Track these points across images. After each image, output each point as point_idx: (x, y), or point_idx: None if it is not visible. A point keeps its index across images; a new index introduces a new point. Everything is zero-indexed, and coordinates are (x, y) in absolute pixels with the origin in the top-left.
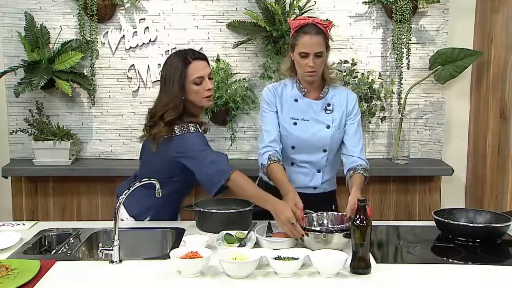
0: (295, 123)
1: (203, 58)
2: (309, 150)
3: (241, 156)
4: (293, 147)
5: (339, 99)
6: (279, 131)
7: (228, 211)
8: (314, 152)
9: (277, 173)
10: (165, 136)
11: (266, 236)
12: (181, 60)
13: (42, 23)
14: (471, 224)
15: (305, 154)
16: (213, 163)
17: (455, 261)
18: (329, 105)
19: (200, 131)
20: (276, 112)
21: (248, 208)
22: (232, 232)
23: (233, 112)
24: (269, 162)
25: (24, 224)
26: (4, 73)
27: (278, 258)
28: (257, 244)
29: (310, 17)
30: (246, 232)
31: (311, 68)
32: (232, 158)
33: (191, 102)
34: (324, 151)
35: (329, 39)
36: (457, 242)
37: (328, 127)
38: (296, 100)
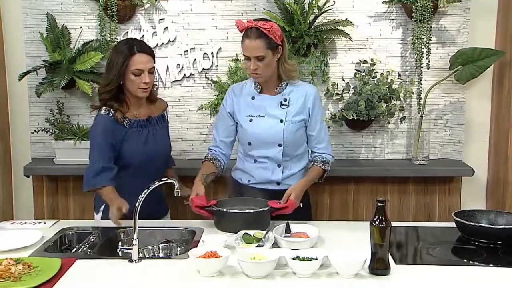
0: (251, 120)
1: (149, 52)
2: (265, 146)
3: None
4: (249, 143)
5: (297, 95)
6: (230, 133)
7: (246, 211)
8: (270, 147)
9: (202, 167)
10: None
11: (285, 236)
12: (127, 49)
13: (63, 24)
14: (492, 226)
15: (261, 150)
16: (90, 168)
17: (476, 263)
18: (285, 100)
19: (111, 115)
20: (229, 113)
21: (266, 208)
22: (251, 232)
23: None
24: (203, 160)
25: (45, 223)
26: (27, 73)
27: (297, 258)
28: (275, 244)
29: (260, 19)
30: (264, 232)
31: (253, 71)
32: None
33: (127, 90)
34: (279, 145)
35: (277, 41)
36: (478, 244)
37: (281, 121)
38: (253, 98)
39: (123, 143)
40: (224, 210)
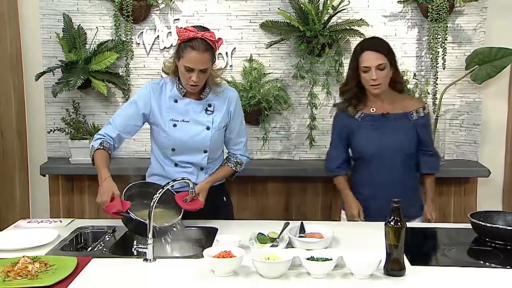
0: (174, 125)
1: (376, 49)
2: (189, 152)
3: (273, 156)
4: (173, 149)
5: (220, 100)
6: (130, 132)
7: (164, 225)
8: (195, 153)
9: (98, 158)
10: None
11: (299, 236)
12: (359, 49)
13: (79, 24)
14: (509, 227)
15: (185, 156)
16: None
17: (492, 264)
18: (210, 105)
19: (343, 111)
20: (144, 114)
21: (178, 218)
22: (265, 232)
23: (265, 112)
24: (99, 147)
25: (61, 221)
26: (43, 73)
27: (311, 258)
28: (289, 244)
29: (201, 28)
30: (279, 232)
31: (194, 83)
32: (264, 158)
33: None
34: (205, 152)
35: (217, 51)
36: (495, 246)
37: (208, 128)
38: (176, 101)
39: (354, 135)
40: (141, 220)
